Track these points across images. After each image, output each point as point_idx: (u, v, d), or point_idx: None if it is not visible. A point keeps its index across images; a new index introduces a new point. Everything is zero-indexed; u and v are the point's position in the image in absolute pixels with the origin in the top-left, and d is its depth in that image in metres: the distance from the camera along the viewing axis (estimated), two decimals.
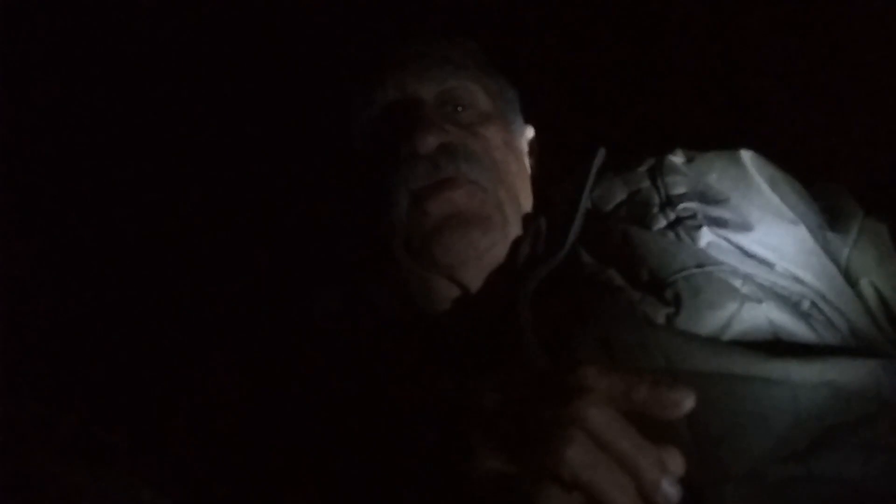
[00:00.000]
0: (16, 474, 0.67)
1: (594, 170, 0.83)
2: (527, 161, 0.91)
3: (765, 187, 0.79)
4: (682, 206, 0.78)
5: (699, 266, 0.71)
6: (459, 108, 0.84)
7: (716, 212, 0.77)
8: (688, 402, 0.51)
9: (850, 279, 0.77)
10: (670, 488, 0.51)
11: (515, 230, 0.82)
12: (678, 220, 0.77)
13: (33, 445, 0.71)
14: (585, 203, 0.82)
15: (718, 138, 0.86)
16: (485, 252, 0.78)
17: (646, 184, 0.82)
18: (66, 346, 0.90)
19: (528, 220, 0.83)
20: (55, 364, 0.88)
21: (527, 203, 0.85)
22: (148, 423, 0.76)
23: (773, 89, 1.01)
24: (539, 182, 0.89)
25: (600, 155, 0.85)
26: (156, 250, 1.00)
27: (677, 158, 0.83)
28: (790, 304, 0.72)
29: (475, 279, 0.79)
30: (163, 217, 1.02)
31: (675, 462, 0.52)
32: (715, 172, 0.81)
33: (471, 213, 0.78)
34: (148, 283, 0.97)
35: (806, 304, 0.73)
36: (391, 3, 1.08)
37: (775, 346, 0.67)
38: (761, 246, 0.75)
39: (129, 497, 0.68)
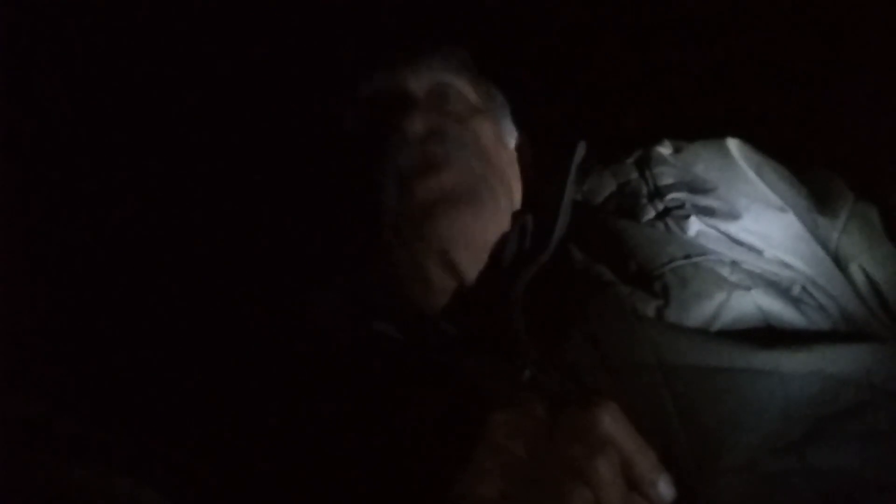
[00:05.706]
0: (16, 474, 0.67)
1: (574, 164, 0.83)
2: (517, 165, 0.89)
3: (751, 175, 0.80)
4: (670, 196, 0.78)
5: (686, 257, 0.71)
6: (449, 102, 0.84)
7: (703, 201, 0.77)
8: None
9: (840, 263, 0.77)
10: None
11: (506, 220, 0.80)
12: (666, 211, 0.77)
13: (33, 445, 0.71)
14: (569, 198, 0.81)
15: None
16: (476, 234, 0.77)
17: (634, 175, 0.82)
18: (65, 345, 0.91)
19: (517, 216, 0.82)
20: (55, 364, 0.88)
21: (517, 198, 0.84)
22: (148, 424, 0.76)
23: (773, 89, 1.01)
24: (531, 187, 0.88)
25: (580, 148, 0.84)
26: (154, 250, 1.00)
27: (665, 149, 0.84)
28: (780, 289, 0.72)
29: (467, 266, 0.77)
30: (160, 218, 1.02)
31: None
32: (702, 162, 0.81)
33: (461, 192, 0.77)
34: (145, 283, 0.97)
35: (796, 290, 0.73)
36: (390, 3, 1.07)
37: (765, 334, 0.68)
38: (749, 233, 0.75)
39: (129, 497, 0.68)
